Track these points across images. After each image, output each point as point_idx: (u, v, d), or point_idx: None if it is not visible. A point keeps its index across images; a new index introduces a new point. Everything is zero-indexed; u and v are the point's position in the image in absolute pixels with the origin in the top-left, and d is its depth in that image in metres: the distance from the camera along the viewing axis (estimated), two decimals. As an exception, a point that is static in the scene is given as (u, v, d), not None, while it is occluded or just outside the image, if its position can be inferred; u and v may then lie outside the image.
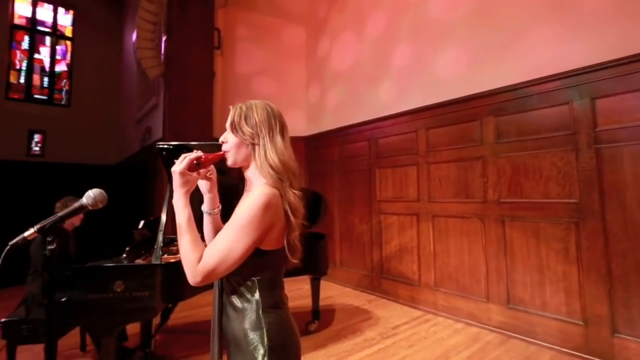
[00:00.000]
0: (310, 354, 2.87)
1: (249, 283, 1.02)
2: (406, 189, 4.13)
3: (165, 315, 3.56)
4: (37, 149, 8.64)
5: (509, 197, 3.22)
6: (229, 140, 1.09)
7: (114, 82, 9.50)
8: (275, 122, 1.08)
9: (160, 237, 2.42)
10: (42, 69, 8.77)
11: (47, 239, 0.86)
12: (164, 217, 2.53)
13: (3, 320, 2.43)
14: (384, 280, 4.37)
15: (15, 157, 8.08)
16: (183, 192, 1.03)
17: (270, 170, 1.02)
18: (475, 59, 3.54)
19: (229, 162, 1.10)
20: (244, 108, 1.10)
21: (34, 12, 8.61)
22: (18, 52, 8.45)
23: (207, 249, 0.97)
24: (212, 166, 1.17)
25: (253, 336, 0.98)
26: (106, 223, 5.28)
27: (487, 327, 3.29)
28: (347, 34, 5.12)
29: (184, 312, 3.92)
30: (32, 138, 8.59)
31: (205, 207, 1.19)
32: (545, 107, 3.00)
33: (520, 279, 3.10)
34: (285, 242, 1.02)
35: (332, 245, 5.19)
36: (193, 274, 0.94)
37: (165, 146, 2.60)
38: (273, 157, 1.03)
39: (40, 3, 8.69)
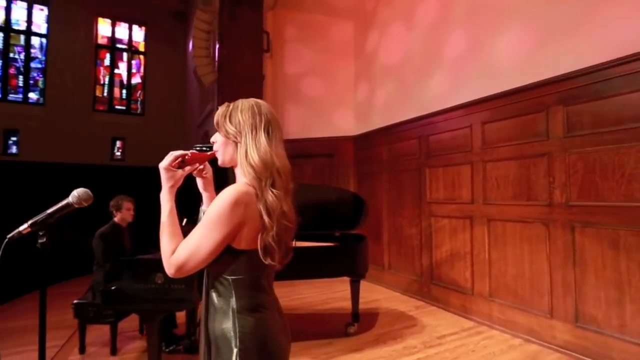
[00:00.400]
0: (345, 356, 2.78)
1: (224, 282, 1.00)
2: (459, 189, 3.81)
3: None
4: (119, 154, 9.68)
5: (581, 199, 2.78)
6: (217, 140, 1.09)
7: (180, 90, 10.24)
8: (260, 120, 1.04)
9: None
10: (121, 82, 9.80)
11: (39, 233, 0.90)
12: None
13: (74, 302, 2.79)
14: (434, 286, 4.08)
15: (101, 162, 9.12)
16: (167, 188, 1.05)
17: (249, 169, 0.99)
18: (540, 40, 3.12)
19: (219, 162, 1.10)
20: (230, 107, 1.08)
21: (113, 32, 9.66)
22: (101, 68, 9.55)
23: (180, 244, 0.97)
24: (207, 165, 1.18)
25: (227, 337, 0.97)
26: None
27: (550, 345, 2.88)
28: (396, 25, 4.89)
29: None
30: (114, 145, 9.65)
31: (203, 206, 1.20)
32: (629, 91, 2.53)
33: (593, 294, 2.65)
34: (259, 242, 0.98)
35: (380, 248, 5.00)
36: (167, 266, 0.96)
37: (199, 148, 2.69)
38: (253, 156, 0.99)
39: (118, 23, 9.71)
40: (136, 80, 9.94)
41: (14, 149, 8.44)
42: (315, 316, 3.77)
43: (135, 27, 9.90)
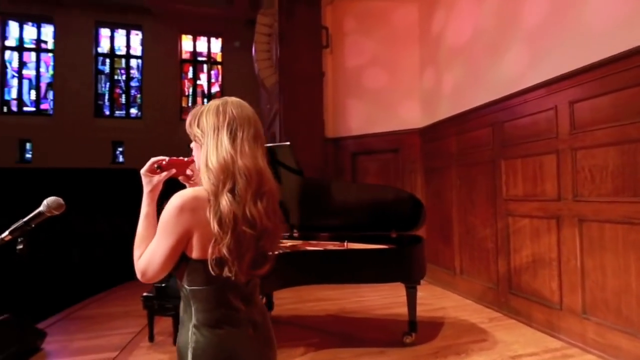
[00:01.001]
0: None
1: (185, 292, 0.96)
2: (541, 184, 3.22)
3: (268, 305, 3.77)
4: (202, 157, 10.62)
5: None
6: (192, 146, 1.06)
7: (254, 95, 10.78)
8: (224, 118, 0.96)
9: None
10: (203, 92, 10.73)
11: (18, 239, 0.93)
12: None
13: (143, 295, 3.02)
14: (512, 296, 3.53)
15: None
16: (146, 192, 1.06)
17: (207, 174, 0.92)
18: (645, -6, 2.44)
19: (196, 167, 1.07)
20: (200, 109, 1.02)
21: (194, 46, 10.61)
22: (186, 81, 10.56)
23: (146, 249, 0.96)
24: (196, 171, 1.13)
25: (183, 353, 0.94)
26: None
27: (673, 385, 2.23)
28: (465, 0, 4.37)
29: (293, 305, 4.06)
30: (198, 149, 10.61)
31: None
32: None
33: None
34: (209, 252, 0.90)
35: (451, 251, 4.53)
36: (136, 271, 0.95)
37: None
38: (212, 159, 0.92)
39: (198, 37, 10.63)
40: (215, 89, 10.77)
41: (120, 159, 9.83)
42: (372, 321, 3.56)
43: (212, 39, 10.71)
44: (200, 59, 10.59)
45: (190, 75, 10.51)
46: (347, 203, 3.39)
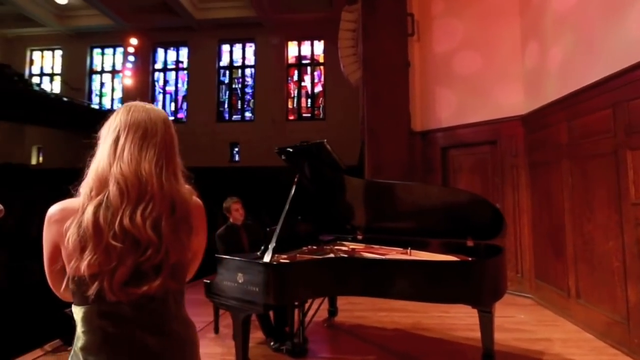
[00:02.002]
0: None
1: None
2: (689, 184, 2.28)
3: (331, 312, 3.67)
4: (306, 155, 11.16)
5: None
6: None
7: (356, 92, 10.78)
8: (113, 126, 0.91)
9: (274, 237, 2.50)
10: (306, 93, 11.25)
11: None
12: (281, 220, 2.60)
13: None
14: (644, 338, 2.61)
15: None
16: None
17: (83, 182, 0.88)
18: None
19: None
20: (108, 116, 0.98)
21: (299, 51, 11.19)
22: (291, 84, 11.24)
23: None
24: None
25: None
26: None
27: None
28: (579, -48, 3.42)
29: (362, 312, 3.87)
30: (302, 148, 11.19)
31: None
32: None
33: None
34: (71, 268, 0.81)
35: (563, 266, 3.64)
36: None
37: (286, 149, 2.69)
38: (91, 168, 0.88)
39: (302, 42, 11.17)
40: (318, 89, 11.16)
41: (236, 157, 11.11)
42: (447, 344, 3.07)
43: (315, 42, 11.13)
44: (304, 62, 11.14)
45: (295, 78, 11.17)
46: (414, 206, 3.01)
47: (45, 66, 13.09)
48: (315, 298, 2.82)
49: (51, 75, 13.01)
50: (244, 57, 11.41)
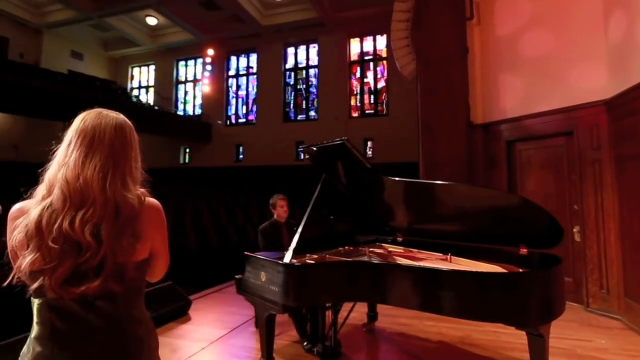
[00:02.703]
0: None
1: None
2: None
3: (371, 317, 3.52)
4: (370, 153, 10.96)
5: None
6: None
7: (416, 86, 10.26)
8: (70, 131, 0.96)
9: (295, 238, 2.48)
10: (369, 89, 11.02)
11: None
12: (304, 219, 2.56)
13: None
14: None
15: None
16: None
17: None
18: None
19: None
20: None
21: (361, 47, 11.00)
22: (354, 81, 11.12)
23: None
24: None
25: None
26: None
27: None
28: None
29: (408, 319, 3.64)
30: (366, 145, 11.00)
31: None
32: None
33: None
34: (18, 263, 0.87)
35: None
36: None
37: (310, 148, 2.64)
38: (46, 171, 0.94)
39: (365, 38, 10.96)
40: (381, 84, 10.85)
41: (301, 156, 11.37)
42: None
43: (378, 37, 10.83)
44: (366, 58, 10.92)
45: (357, 75, 11.02)
46: (457, 208, 2.72)
47: (142, 80, 15.00)
48: (340, 302, 2.73)
49: (146, 88, 14.86)
50: (307, 58, 11.63)
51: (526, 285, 2.10)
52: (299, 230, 2.52)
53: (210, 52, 12.31)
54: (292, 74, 11.86)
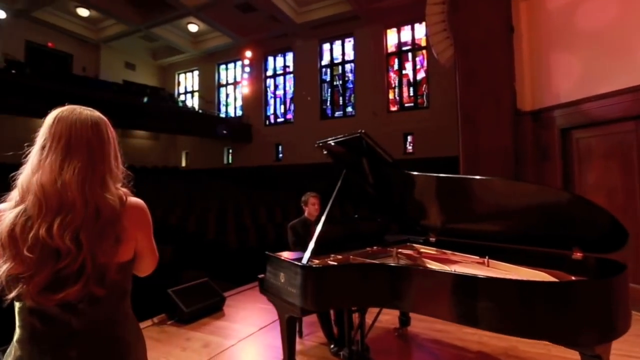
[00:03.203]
0: None
1: None
2: None
3: (403, 321, 3.28)
4: (410, 148, 10.51)
5: None
6: None
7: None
8: (41, 131, 0.92)
9: (313, 239, 2.33)
10: (408, 81, 10.54)
11: None
12: (323, 218, 2.41)
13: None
14: None
15: (395, 157, 10.34)
16: None
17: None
18: None
19: None
20: None
21: (398, 37, 10.55)
22: (392, 73, 10.70)
23: None
24: None
25: None
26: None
27: None
28: None
29: (445, 325, 3.33)
30: (406, 140, 10.56)
31: None
32: None
33: None
34: None
35: None
36: None
37: (327, 142, 2.48)
38: (20, 174, 0.90)
39: (402, 28, 10.49)
40: (421, 75, 10.34)
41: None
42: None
43: (416, 25, 10.32)
44: (405, 48, 10.45)
45: (395, 67, 10.58)
46: (497, 206, 2.40)
47: (188, 85, 15.71)
48: (362, 307, 2.54)
49: (192, 92, 15.54)
50: (343, 53, 11.40)
51: (581, 296, 1.76)
52: (317, 230, 2.38)
53: (248, 54, 12.53)
54: (328, 70, 11.69)
